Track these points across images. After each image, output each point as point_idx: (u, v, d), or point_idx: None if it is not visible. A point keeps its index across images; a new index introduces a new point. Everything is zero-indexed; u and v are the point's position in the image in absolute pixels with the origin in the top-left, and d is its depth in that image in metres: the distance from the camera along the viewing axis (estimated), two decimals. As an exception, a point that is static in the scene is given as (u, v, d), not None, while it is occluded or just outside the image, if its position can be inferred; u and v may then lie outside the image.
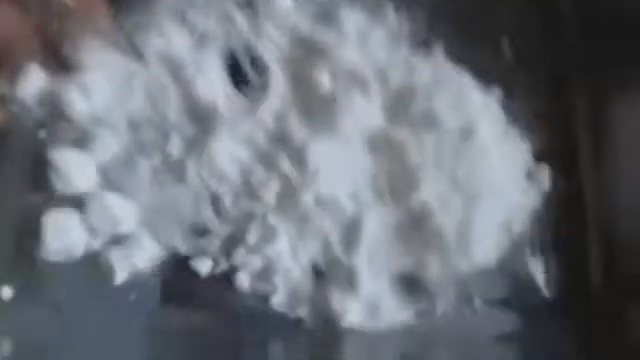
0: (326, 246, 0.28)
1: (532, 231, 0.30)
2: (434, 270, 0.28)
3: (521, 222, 0.30)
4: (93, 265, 0.26)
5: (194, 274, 0.27)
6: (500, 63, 0.33)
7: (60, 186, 0.26)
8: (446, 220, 0.28)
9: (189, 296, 0.27)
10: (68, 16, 0.29)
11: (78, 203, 0.27)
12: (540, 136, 0.32)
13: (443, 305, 0.28)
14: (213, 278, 0.27)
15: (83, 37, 0.29)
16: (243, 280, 0.27)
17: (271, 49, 0.32)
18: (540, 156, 0.32)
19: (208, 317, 0.27)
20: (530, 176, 0.31)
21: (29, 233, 0.26)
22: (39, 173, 0.26)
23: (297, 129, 0.29)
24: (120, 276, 0.26)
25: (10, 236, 0.26)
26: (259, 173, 0.28)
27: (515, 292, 0.29)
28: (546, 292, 0.29)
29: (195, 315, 0.27)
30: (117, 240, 0.27)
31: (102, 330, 0.25)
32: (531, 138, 0.32)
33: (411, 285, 0.28)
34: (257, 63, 0.31)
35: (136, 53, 0.30)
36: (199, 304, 0.27)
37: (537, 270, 0.30)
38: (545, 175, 0.31)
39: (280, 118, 0.30)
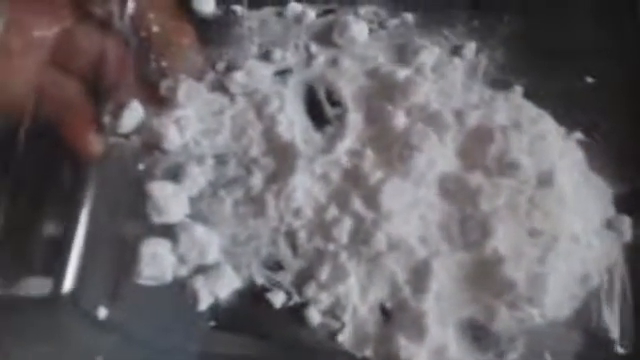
0: (394, 288, 0.29)
1: (609, 283, 0.29)
2: (503, 320, 0.28)
3: (598, 274, 0.29)
4: (180, 291, 0.28)
5: (269, 306, 0.28)
6: (581, 105, 0.32)
7: (155, 216, 0.29)
8: (519, 269, 0.28)
9: (264, 326, 0.28)
10: (165, 54, 0.31)
11: (170, 233, 0.29)
12: (621, 183, 0.31)
13: (511, 357, 0.28)
14: (286, 311, 0.29)
15: (178, 75, 0.31)
16: (313, 315, 0.28)
17: (348, 84, 0.33)
18: (621, 205, 0.30)
19: (280, 348, 0.28)
20: (610, 226, 0.30)
21: (126, 259, 0.28)
22: (138, 203, 0.29)
23: (371, 169, 0.30)
24: (204, 303, 0.28)
25: (109, 260, 0.29)
26: (333, 211, 0.30)
27: (588, 346, 0.28)
28: (620, 348, 0.29)
29: (268, 345, 0.28)
30: (202, 269, 0.29)
31: (184, 352, 0.28)
32: (612, 186, 0.31)
33: (479, 334, 0.28)
34: (334, 99, 0.33)
35: (224, 89, 0.32)
36: (273, 335, 0.28)
37: (612, 324, 0.29)
38: (626, 225, 0.30)
39: (355, 157, 0.31)
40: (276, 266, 0.29)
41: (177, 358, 0.28)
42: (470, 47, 0.33)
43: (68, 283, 0.28)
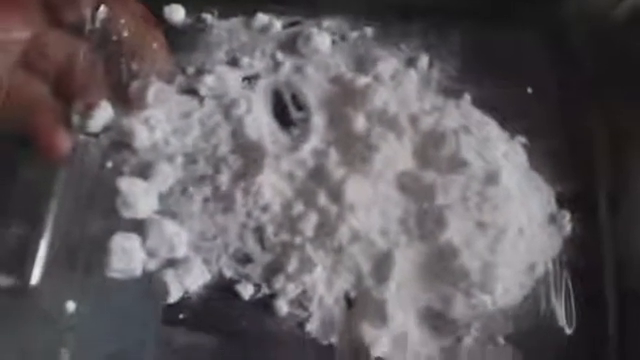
0: (358, 278, 0.30)
1: (554, 272, 0.32)
2: (459, 307, 0.29)
3: (544, 264, 0.32)
4: (149, 284, 0.28)
5: (238, 298, 0.29)
6: (523, 112, 0.35)
7: (125, 212, 0.29)
8: (471, 259, 0.30)
9: (233, 318, 0.29)
10: (135, 58, 0.32)
11: (139, 227, 0.29)
12: (561, 182, 0.34)
13: (467, 341, 0.30)
14: (255, 302, 0.29)
15: (148, 78, 0.32)
16: (281, 306, 0.29)
17: (312, 90, 0.35)
18: (562, 202, 0.33)
19: (248, 338, 0.29)
20: (552, 221, 0.33)
21: (96, 253, 0.28)
22: (107, 199, 0.29)
23: (335, 167, 0.32)
24: (173, 296, 0.29)
25: (77, 254, 0.29)
26: (299, 207, 0.31)
27: (537, 330, 0.30)
28: (565, 331, 0.31)
29: (236, 336, 0.29)
30: (172, 263, 0.29)
31: (152, 344, 0.28)
32: (553, 184, 0.34)
33: (437, 320, 0.30)
34: (299, 103, 0.34)
35: (193, 92, 0.33)
36: (242, 326, 0.29)
37: (558, 309, 0.31)
38: (566, 220, 0.33)
39: (320, 156, 0.32)
40: (245, 259, 0.30)
41: (146, 350, 0.28)
42: (423, 59, 0.36)
43: (35, 276, 0.28)
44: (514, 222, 0.32)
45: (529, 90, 0.36)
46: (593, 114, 0.35)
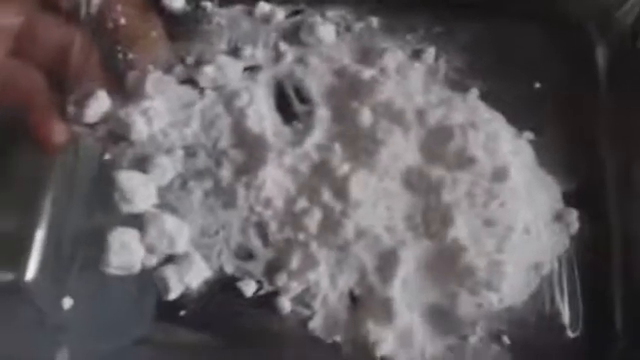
0: (363, 276, 0.29)
1: (559, 271, 0.31)
2: (465, 305, 0.29)
3: (550, 263, 0.31)
4: (150, 281, 0.28)
5: (240, 295, 0.29)
6: (530, 108, 0.34)
7: (123, 206, 0.28)
8: (478, 257, 0.29)
9: (235, 315, 0.28)
10: (132, 46, 0.31)
11: (138, 222, 0.28)
12: (569, 180, 0.33)
13: (473, 340, 0.29)
14: (257, 300, 0.29)
15: (146, 67, 0.31)
16: (284, 303, 0.29)
17: (316, 82, 0.34)
18: (569, 199, 0.33)
19: (251, 336, 0.28)
20: (559, 219, 0.32)
21: (94, 248, 0.27)
22: (104, 193, 0.28)
23: (339, 162, 0.31)
24: (174, 292, 0.28)
25: (74, 250, 0.28)
26: (302, 202, 0.30)
27: (542, 330, 0.30)
28: (571, 331, 0.30)
29: (238, 334, 0.28)
30: (172, 259, 0.28)
31: (152, 342, 0.27)
32: (560, 182, 0.33)
33: (442, 318, 0.29)
34: (303, 96, 0.33)
35: (193, 83, 0.32)
36: (244, 323, 0.28)
37: (563, 310, 0.31)
38: (573, 218, 0.32)
39: (324, 151, 0.32)
40: (247, 256, 0.29)
41: (146, 348, 0.27)
42: (430, 52, 0.35)
43: (30, 272, 0.27)
44: (521, 220, 0.31)
45: (537, 85, 0.35)
46: (601, 110, 0.35)
